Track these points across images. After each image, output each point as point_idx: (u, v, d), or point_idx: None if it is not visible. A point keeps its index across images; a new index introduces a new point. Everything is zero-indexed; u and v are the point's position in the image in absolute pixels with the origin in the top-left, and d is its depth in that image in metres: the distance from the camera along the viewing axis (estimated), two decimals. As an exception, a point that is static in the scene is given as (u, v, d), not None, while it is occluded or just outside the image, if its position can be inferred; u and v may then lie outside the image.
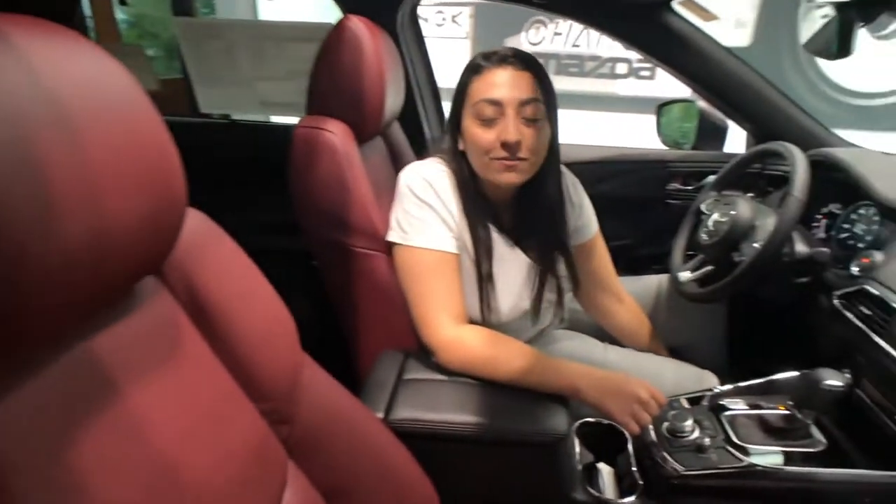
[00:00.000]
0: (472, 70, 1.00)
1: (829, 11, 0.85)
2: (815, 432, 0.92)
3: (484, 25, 4.42)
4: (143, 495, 0.45)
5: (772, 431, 0.93)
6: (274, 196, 1.17)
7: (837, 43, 0.69)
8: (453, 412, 0.89)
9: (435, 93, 1.70)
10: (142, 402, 0.47)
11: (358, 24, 1.07)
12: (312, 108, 1.13)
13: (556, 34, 4.30)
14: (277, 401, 0.64)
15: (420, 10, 1.63)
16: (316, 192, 1.08)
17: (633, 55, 4.20)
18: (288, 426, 0.65)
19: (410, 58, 1.60)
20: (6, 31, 0.35)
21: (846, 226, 1.17)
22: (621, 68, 4.29)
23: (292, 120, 1.23)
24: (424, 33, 1.67)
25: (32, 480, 0.38)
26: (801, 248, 1.09)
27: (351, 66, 1.07)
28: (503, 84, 0.96)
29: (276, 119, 1.89)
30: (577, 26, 4.23)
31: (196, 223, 0.62)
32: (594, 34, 4.25)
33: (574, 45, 4.32)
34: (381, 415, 0.88)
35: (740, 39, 3.75)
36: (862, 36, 0.86)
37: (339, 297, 1.17)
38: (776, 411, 0.97)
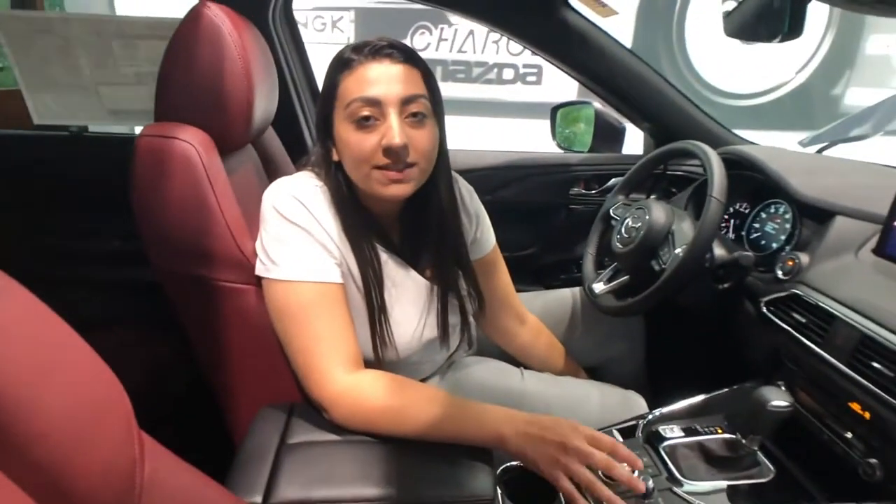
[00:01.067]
0: (342, 65, 0.82)
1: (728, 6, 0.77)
2: (762, 458, 0.83)
3: (366, 31, 4.23)
4: None
5: (716, 461, 0.84)
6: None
7: (789, 21, 0.58)
8: (353, 484, 0.71)
9: (316, 96, 1.51)
10: None
11: (216, 12, 0.88)
12: (162, 114, 0.92)
13: (442, 40, 4.22)
14: (101, 514, 0.44)
15: (299, 15, 1.44)
16: (167, 214, 0.87)
17: (520, 60, 4.22)
18: (121, 547, 0.46)
19: (286, 57, 1.41)
20: None
21: (756, 225, 1.12)
22: (508, 74, 4.27)
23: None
24: (304, 39, 1.49)
25: None
26: (720, 251, 1.02)
27: (209, 61, 0.87)
28: (381, 79, 0.80)
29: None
30: (462, 31, 4.18)
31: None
32: (480, 40, 4.22)
33: (460, 51, 4.26)
34: (258, 499, 0.69)
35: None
36: (730, 41, 0.79)
37: (203, 342, 0.95)
38: (716, 436, 0.88)
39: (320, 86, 0.88)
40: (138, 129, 1.61)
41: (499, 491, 0.84)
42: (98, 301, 1.54)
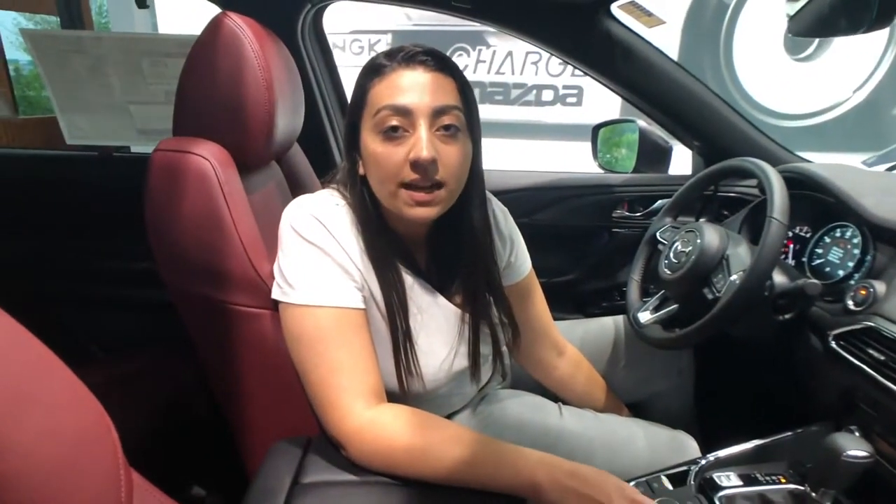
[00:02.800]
0: (372, 71, 0.77)
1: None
2: (838, 517, 0.73)
3: (404, 54, 4.28)
4: None
5: (781, 518, 0.74)
6: None
7: (878, 8, 0.50)
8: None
9: (345, 112, 1.48)
10: None
11: (237, 22, 0.85)
12: (179, 128, 0.88)
13: (480, 61, 4.20)
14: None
15: (336, 39, 1.42)
16: (180, 231, 0.83)
17: (560, 81, 4.16)
18: None
19: (315, 72, 1.38)
20: None
21: (819, 251, 1.02)
22: (547, 95, 4.23)
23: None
24: (341, 62, 1.47)
25: None
26: (780, 279, 0.92)
27: (229, 72, 0.84)
28: (412, 87, 0.74)
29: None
30: (500, 53, 4.16)
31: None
32: (519, 61, 4.19)
33: (498, 73, 4.23)
34: (263, 548, 0.62)
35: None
36: (781, 58, 0.71)
37: (216, 369, 0.90)
38: (780, 486, 0.78)
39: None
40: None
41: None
42: (128, 322, 1.53)
